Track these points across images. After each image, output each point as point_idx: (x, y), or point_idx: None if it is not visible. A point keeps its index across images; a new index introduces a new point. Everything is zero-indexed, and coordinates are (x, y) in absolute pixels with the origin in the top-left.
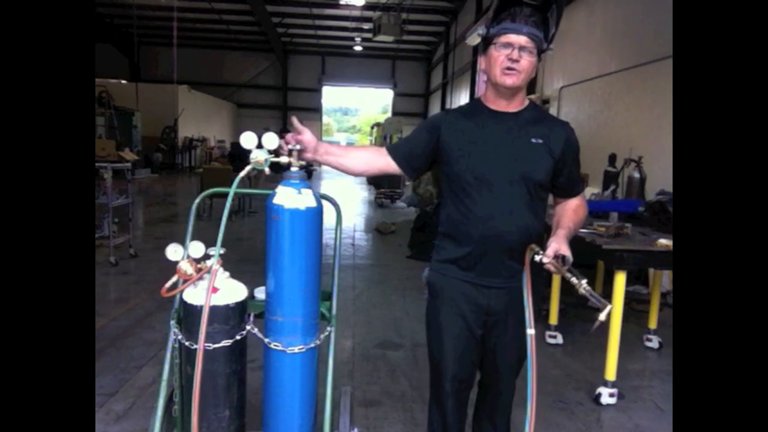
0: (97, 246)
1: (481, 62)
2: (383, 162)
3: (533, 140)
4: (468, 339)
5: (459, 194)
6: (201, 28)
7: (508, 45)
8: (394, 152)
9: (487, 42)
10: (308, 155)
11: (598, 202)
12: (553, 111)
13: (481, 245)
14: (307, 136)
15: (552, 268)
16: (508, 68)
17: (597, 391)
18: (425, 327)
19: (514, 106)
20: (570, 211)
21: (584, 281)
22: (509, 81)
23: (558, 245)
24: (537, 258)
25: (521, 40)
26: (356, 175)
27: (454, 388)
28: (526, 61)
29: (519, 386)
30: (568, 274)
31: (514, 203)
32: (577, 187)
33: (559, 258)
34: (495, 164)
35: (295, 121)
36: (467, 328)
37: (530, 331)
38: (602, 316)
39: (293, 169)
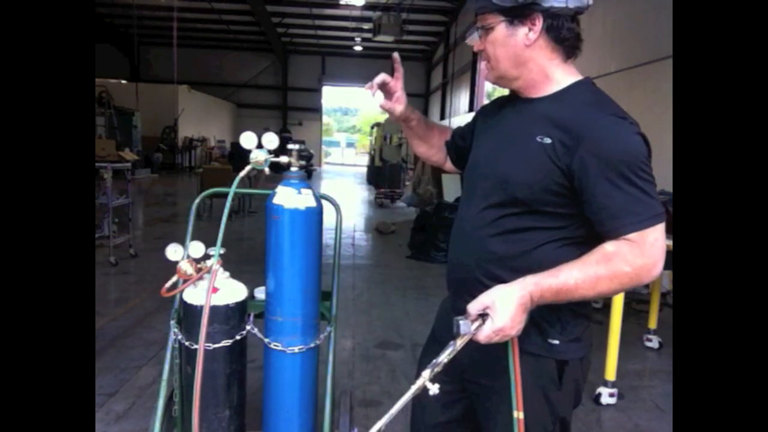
0: (97, 246)
1: None
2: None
3: (539, 138)
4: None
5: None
6: (201, 28)
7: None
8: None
9: None
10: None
11: None
12: None
13: (450, 275)
14: (400, 106)
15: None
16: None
17: (597, 391)
18: None
19: (532, 91)
20: (584, 258)
21: (428, 382)
22: (490, 78)
23: (490, 300)
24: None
25: (477, 23)
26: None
27: None
28: (490, 44)
29: None
30: (445, 353)
31: (482, 220)
32: (610, 222)
33: (471, 319)
34: (483, 166)
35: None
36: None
37: (518, 415)
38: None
39: (293, 169)
